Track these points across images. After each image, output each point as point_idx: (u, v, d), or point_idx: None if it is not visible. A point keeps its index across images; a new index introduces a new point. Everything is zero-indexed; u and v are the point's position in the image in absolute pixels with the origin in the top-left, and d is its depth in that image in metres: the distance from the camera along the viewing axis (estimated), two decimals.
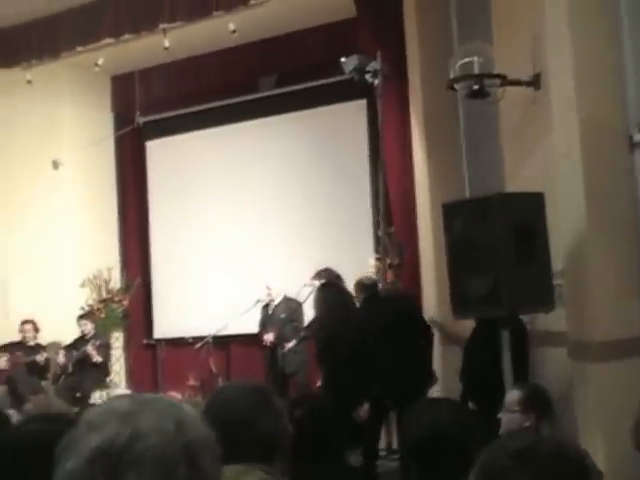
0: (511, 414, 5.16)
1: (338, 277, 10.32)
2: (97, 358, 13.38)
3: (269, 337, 12.01)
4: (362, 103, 12.97)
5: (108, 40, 12.17)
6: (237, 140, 14.46)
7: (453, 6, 10.08)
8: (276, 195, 13.95)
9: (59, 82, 14.38)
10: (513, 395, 5.32)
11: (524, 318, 7.62)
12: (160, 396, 1.61)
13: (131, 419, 1.51)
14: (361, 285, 9.52)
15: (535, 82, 7.67)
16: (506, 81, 7.78)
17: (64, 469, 1.50)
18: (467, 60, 7.91)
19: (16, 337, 13.44)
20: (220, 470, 1.62)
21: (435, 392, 9.07)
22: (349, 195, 13.22)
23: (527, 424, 5.09)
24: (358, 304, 9.48)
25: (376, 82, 9.87)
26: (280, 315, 12.08)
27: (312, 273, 10.68)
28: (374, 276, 10.22)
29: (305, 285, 11.19)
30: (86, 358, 13.28)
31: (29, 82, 13.18)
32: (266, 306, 12.38)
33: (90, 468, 1.47)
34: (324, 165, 13.55)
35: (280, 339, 11.89)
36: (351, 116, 13.36)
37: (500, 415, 5.17)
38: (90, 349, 13.25)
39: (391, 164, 11.08)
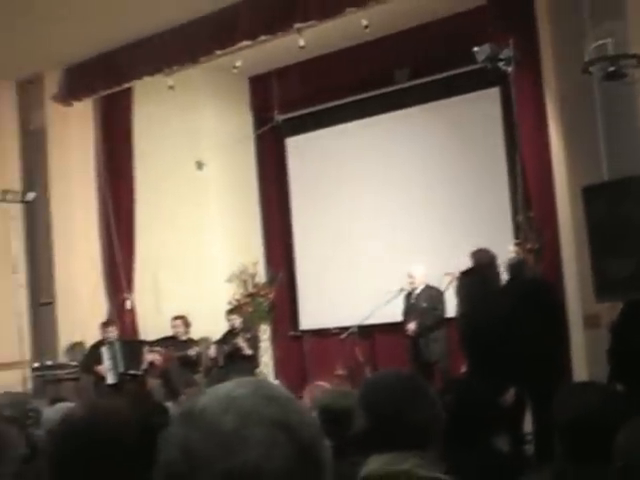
0: None
1: (490, 262, 10.18)
2: (248, 351, 13.56)
3: (411, 326, 11.99)
4: (495, 91, 12.85)
5: (244, 42, 12.29)
6: (374, 133, 14.47)
7: None
8: (414, 185, 13.93)
9: (199, 86, 14.59)
10: None
11: None
12: (257, 395, 1.49)
13: (239, 443, 1.42)
14: (507, 266, 9.46)
15: None
16: None
17: None
18: (601, 42, 7.79)
19: (168, 332, 13.73)
20: (330, 455, 1.54)
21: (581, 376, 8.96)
22: (486, 182, 13.11)
23: None
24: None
25: (509, 69, 9.78)
26: (422, 304, 12.05)
27: (452, 261, 10.65)
28: (520, 256, 10.06)
29: (445, 274, 11.16)
30: (236, 351, 13.47)
31: (171, 87, 13.39)
32: (409, 295, 12.36)
33: None
34: (460, 154, 13.47)
35: (422, 327, 11.86)
36: (485, 104, 13.25)
37: None
38: (241, 342, 13.44)
39: (527, 150, 10.95)
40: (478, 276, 9.71)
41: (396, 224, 14.01)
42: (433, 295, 11.94)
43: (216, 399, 1.48)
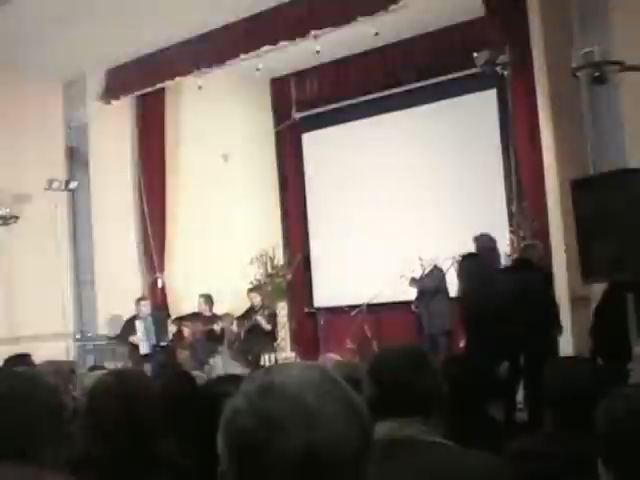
0: None
1: (492, 248, 10.19)
2: (267, 326, 13.63)
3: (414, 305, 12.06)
4: (492, 93, 12.89)
5: (266, 47, 12.29)
6: (382, 129, 14.50)
7: None
8: (419, 176, 13.97)
9: (225, 86, 14.61)
10: None
11: None
12: (325, 378, 1.45)
13: (322, 419, 1.39)
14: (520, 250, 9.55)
15: None
16: (625, 67, 7.62)
17: (262, 475, 1.39)
18: (587, 49, 7.78)
19: (195, 309, 13.81)
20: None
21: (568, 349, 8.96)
22: (484, 175, 13.13)
23: None
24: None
25: (505, 73, 9.76)
26: (429, 284, 12.01)
27: (454, 245, 10.70)
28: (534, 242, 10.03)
29: (447, 258, 11.17)
30: (256, 326, 13.54)
31: (200, 87, 13.42)
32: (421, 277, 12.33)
33: (297, 473, 1.37)
34: (461, 149, 13.49)
35: (428, 305, 11.82)
36: (483, 105, 13.27)
37: (630, 366, 5.03)
38: (260, 319, 13.50)
39: (521, 146, 10.93)
40: (480, 258, 9.72)
41: (402, 212, 14.05)
42: (438, 276, 11.91)
43: (292, 377, 1.45)
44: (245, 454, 1.40)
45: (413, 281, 12.17)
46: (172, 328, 13.49)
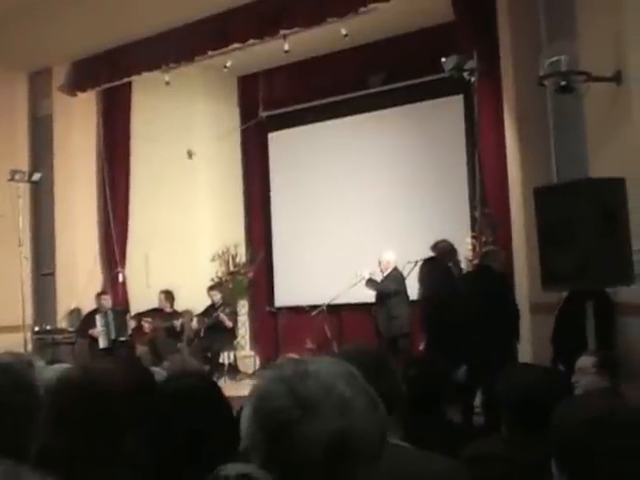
0: (588, 376, 5.06)
1: (452, 249, 10.28)
2: (229, 323, 13.65)
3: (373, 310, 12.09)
4: (459, 98, 12.92)
5: (235, 45, 12.29)
6: (349, 131, 14.52)
7: (541, 8, 9.94)
8: (383, 180, 14.00)
9: (193, 83, 14.61)
10: (588, 360, 5.19)
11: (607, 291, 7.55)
12: (349, 372, 1.51)
13: (351, 408, 1.44)
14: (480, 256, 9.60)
15: (617, 78, 7.56)
16: (590, 77, 7.69)
17: (292, 453, 1.42)
18: (554, 59, 7.85)
19: (155, 304, 13.79)
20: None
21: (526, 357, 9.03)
22: (449, 180, 13.19)
23: (604, 385, 5.01)
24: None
25: (473, 79, 9.81)
26: (389, 286, 12.03)
27: (416, 249, 10.75)
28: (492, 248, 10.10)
29: (408, 262, 11.22)
30: (217, 323, 13.53)
31: (167, 83, 13.41)
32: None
33: (327, 455, 1.41)
34: (426, 153, 13.54)
35: (387, 307, 11.85)
36: (450, 110, 13.31)
37: (574, 379, 5.06)
38: (222, 316, 13.51)
39: (486, 152, 10.99)
40: (439, 264, 9.78)
41: (366, 214, 14.08)
42: (398, 278, 11.93)
43: (325, 367, 1.50)
44: (280, 432, 1.44)
45: (370, 282, 12.19)
46: (132, 323, 13.47)
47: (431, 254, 10.09)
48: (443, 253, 10.10)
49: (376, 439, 1.45)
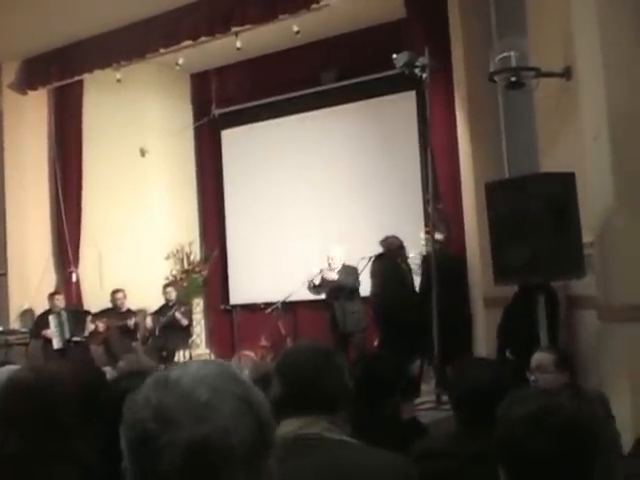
0: (549, 374, 4.99)
1: (400, 245, 10.32)
2: (184, 322, 13.59)
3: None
4: (412, 94, 12.95)
5: (187, 42, 12.25)
6: (302, 128, 14.51)
7: (492, 5, 10.02)
8: (336, 175, 14.00)
9: (145, 80, 14.52)
10: (547, 358, 5.09)
11: (559, 284, 7.63)
12: (225, 375, 1.50)
13: (210, 412, 1.43)
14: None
15: (566, 73, 7.63)
16: (540, 73, 7.77)
17: (154, 467, 1.40)
18: (505, 55, 7.91)
19: (109, 304, 13.69)
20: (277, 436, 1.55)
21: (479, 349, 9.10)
22: (402, 175, 13.22)
23: (564, 382, 4.99)
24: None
25: (424, 75, 9.83)
26: (347, 280, 11.98)
27: (368, 245, 10.74)
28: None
29: (362, 258, 11.22)
30: (172, 322, 13.47)
31: (119, 81, 13.32)
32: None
33: (189, 467, 1.39)
34: (379, 149, 13.56)
35: (343, 302, 11.81)
36: (402, 106, 13.34)
37: (532, 377, 5.00)
38: (178, 314, 13.45)
39: (438, 148, 11.03)
40: (388, 259, 9.81)
41: (319, 211, 14.10)
42: (349, 272, 11.86)
43: (189, 372, 1.48)
44: (139, 446, 1.43)
45: (313, 288, 12.12)
46: (91, 326, 13.33)
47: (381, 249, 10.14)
48: (391, 248, 10.15)
49: (243, 441, 1.42)
